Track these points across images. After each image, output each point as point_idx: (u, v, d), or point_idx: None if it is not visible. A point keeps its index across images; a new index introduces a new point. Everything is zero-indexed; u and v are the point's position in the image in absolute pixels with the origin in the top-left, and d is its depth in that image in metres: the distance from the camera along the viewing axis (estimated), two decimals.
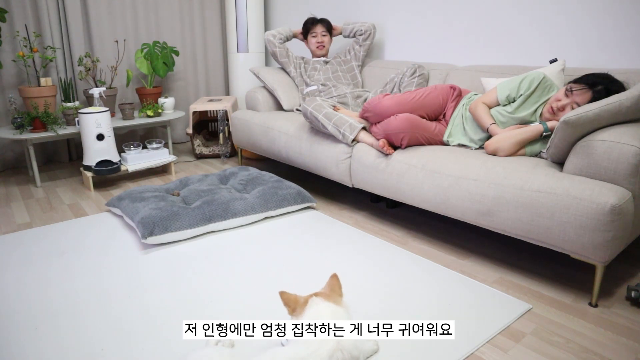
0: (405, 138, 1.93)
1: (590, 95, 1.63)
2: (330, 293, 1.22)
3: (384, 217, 2.24)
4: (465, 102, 2.05)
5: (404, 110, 2.01)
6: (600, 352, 1.26)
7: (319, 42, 2.90)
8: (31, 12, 3.02)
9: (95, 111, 2.57)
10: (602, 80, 1.63)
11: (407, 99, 2.03)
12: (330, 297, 1.20)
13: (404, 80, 2.43)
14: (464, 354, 1.24)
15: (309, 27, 2.91)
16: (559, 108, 1.70)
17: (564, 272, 1.70)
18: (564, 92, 1.70)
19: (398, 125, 1.91)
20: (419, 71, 2.41)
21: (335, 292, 1.22)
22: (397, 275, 1.66)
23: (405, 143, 1.94)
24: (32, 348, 1.28)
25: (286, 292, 1.20)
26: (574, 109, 1.64)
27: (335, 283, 1.25)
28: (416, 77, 2.39)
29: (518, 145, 1.75)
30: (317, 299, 1.18)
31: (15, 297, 1.54)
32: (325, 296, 1.20)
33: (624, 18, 1.96)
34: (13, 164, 3.18)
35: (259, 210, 2.12)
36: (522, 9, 2.29)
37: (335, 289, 1.23)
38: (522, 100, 1.82)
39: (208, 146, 3.45)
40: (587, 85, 1.64)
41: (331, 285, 1.24)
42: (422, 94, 2.07)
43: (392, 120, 1.94)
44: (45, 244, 1.94)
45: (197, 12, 3.79)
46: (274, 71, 2.96)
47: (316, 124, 2.22)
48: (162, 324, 1.38)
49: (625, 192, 1.39)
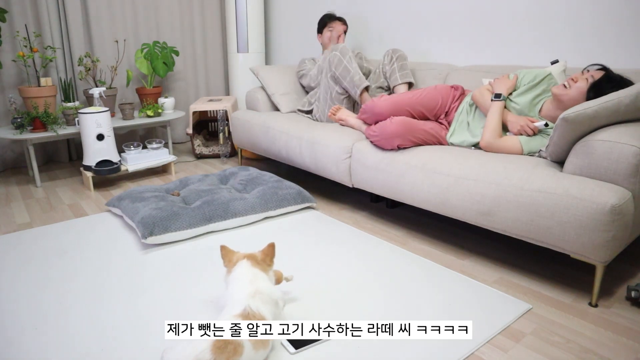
0: (398, 142, 1.95)
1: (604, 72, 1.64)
2: (259, 261, 1.32)
3: (384, 217, 2.24)
4: (469, 100, 2.05)
5: (399, 112, 2.03)
6: (600, 352, 1.26)
7: (335, 36, 2.85)
8: (31, 12, 3.02)
9: (95, 111, 2.57)
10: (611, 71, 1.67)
11: (402, 100, 2.05)
12: (259, 264, 1.31)
13: (386, 69, 2.51)
14: (464, 354, 1.24)
15: (327, 22, 2.86)
16: (572, 79, 1.69)
17: (564, 272, 1.70)
18: (579, 73, 1.71)
19: (394, 130, 1.92)
20: (395, 54, 2.47)
21: (265, 261, 1.33)
22: (397, 275, 1.65)
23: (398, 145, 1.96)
24: (32, 348, 1.28)
25: (226, 247, 1.36)
26: (588, 80, 1.64)
27: (268, 252, 1.35)
28: (395, 63, 2.46)
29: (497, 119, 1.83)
30: (245, 262, 1.31)
31: (15, 297, 1.54)
32: (254, 262, 1.31)
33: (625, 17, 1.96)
34: (13, 164, 3.18)
35: (259, 211, 2.12)
36: (522, 9, 2.29)
37: (266, 259, 1.34)
38: (524, 90, 1.86)
39: (208, 146, 3.45)
40: (602, 68, 1.67)
41: (265, 252, 1.35)
42: (420, 94, 2.08)
43: (387, 124, 1.95)
44: (45, 244, 1.94)
45: (197, 12, 3.79)
46: (274, 72, 2.96)
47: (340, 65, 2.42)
48: (163, 323, 1.38)
49: (625, 192, 1.39)
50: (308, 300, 1.50)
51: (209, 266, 1.74)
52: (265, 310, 1.19)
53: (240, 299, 1.19)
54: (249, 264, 1.31)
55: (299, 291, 1.55)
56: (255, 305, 1.18)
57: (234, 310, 1.17)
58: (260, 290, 1.23)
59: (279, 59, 3.97)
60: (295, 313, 1.43)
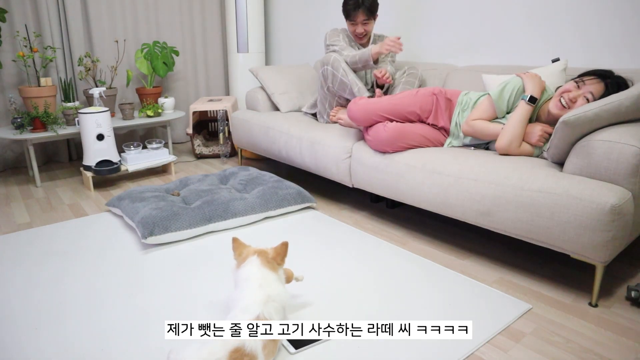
0: (389, 149, 1.95)
1: (604, 86, 1.59)
2: (270, 260, 1.29)
3: (384, 217, 2.24)
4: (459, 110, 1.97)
5: (371, 118, 1.97)
6: (600, 352, 1.26)
7: (359, 32, 2.48)
8: (31, 12, 3.02)
9: (95, 111, 2.57)
10: (610, 74, 1.61)
11: (375, 107, 1.97)
12: (269, 263, 1.28)
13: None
14: (464, 354, 1.24)
15: (348, 13, 2.43)
16: (570, 99, 1.63)
17: (564, 272, 1.70)
18: (572, 84, 1.64)
19: (384, 138, 1.92)
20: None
21: (276, 259, 1.30)
22: (396, 275, 1.65)
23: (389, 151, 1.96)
24: (31, 348, 1.28)
25: (238, 240, 1.34)
26: (588, 100, 1.59)
27: (280, 251, 1.32)
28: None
29: (524, 124, 1.72)
30: (255, 259, 1.28)
31: (15, 297, 1.54)
32: (265, 260, 1.28)
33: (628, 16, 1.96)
34: (13, 164, 3.18)
35: (259, 211, 2.12)
36: (522, 9, 2.29)
37: (277, 258, 1.31)
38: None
39: (208, 146, 3.45)
40: (599, 77, 1.61)
41: (277, 251, 1.32)
42: (395, 101, 1.99)
43: (380, 130, 1.94)
44: (45, 244, 1.94)
45: (197, 12, 3.79)
46: (274, 71, 2.96)
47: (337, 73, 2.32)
48: (163, 324, 1.38)
49: (625, 192, 1.39)
50: (308, 300, 1.50)
51: (209, 266, 1.74)
52: (276, 315, 1.19)
53: (250, 305, 1.17)
54: (259, 263, 1.27)
55: (299, 291, 1.55)
56: (269, 313, 1.16)
57: (245, 316, 1.14)
58: (272, 296, 1.20)
59: (279, 59, 3.97)
60: (295, 313, 1.43)
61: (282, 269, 1.33)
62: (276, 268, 1.29)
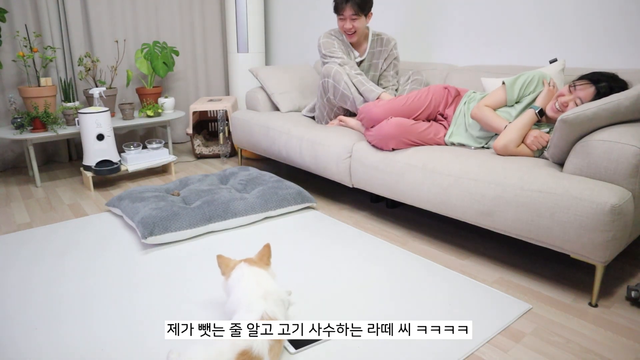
0: (393, 144, 1.95)
1: (594, 90, 1.61)
2: (257, 260, 1.35)
3: (384, 217, 2.24)
4: (466, 100, 2.04)
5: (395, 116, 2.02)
6: (600, 352, 1.26)
7: (348, 28, 2.34)
8: (31, 12, 3.02)
9: (95, 111, 2.57)
10: (606, 78, 1.62)
11: (397, 105, 2.04)
12: (257, 264, 1.33)
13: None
14: (464, 354, 1.24)
15: (337, 6, 2.32)
16: (562, 104, 1.69)
17: (564, 272, 1.70)
18: (567, 89, 1.69)
19: (388, 131, 1.93)
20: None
21: (263, 260, 1.36)
22: (396, 275, 1.65)
23: (392, 147, 1.97)
24: (31, 348, 1.28)
25: (222, 256, 1.37)
26: (577, 104, 1.64)
27: (264, 252, 1.38)
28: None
29: (523, 131, 1.74)
30: (243, 264, 1.32)
31: (15, 297, 1.54)
32: (252, 262, 1.33)
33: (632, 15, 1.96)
34: (13, 164, 3.18)
35: (259, 210, 2.12)
36: (522, 8, 2.29)
37: (264, 258, 1.37)
38: (528, 101, 1.83)
39: (208, 146, 3.45)
40: (591, 81, 1.63)
41: (261, 254, 1.38)
42: (413, 98, 2.07)
43: (383, 125, 1.96)
44: (45, 244, 1.94)
45: (197, 12, 3.79)
46: (273, 71, 2.96)
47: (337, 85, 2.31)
48: (163, 323, 1.38)
49: (625, 192, 1.39)
50: (308, 300, 1.50)
51: (209, 266, 1.74)
52: (279, 312, 1.20)
53: (252, 302, 1.18)
54: (248, 265, 1.31)
55: (299, 291, 1.55)
56: (271, 310, 1.17)
57: (250, 315, 1.15)
58: (269, 291, 1.23)
59: (279, 59, 3.97)
60: (295, 313, 1.43)
61: (270, 268, 1.37)
62: (265, 267, 1.34)
